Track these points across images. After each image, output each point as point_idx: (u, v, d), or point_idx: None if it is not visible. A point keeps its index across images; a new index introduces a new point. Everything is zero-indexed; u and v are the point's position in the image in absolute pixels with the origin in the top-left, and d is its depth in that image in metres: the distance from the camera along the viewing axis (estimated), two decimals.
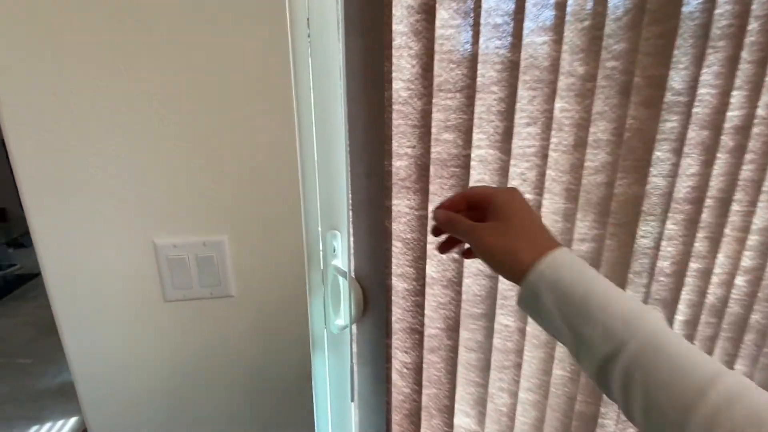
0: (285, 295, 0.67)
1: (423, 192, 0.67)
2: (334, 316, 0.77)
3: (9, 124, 0.51)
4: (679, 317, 0.88)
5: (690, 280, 0.86)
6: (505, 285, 0.76)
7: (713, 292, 0.89)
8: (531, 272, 0.33)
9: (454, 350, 0.77)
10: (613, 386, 0.29)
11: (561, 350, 0.84)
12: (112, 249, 0.59)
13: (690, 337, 0.91)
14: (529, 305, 0.35)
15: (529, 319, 0.80)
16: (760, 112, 0.77)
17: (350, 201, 0.71)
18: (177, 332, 0.65)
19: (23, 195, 0.54)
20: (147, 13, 0.51)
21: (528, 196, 0.71)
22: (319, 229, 0.72)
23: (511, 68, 0.63)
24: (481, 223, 0.38)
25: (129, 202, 0.57)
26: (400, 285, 0.73)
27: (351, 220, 0.72)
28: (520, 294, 0.36)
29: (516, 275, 0.35)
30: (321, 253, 0.73)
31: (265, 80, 0.56)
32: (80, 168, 0.54)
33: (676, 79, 0.71)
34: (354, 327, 0.78)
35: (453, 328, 0.76)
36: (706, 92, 0.73)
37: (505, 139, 0.67)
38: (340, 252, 0.74)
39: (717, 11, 0.69)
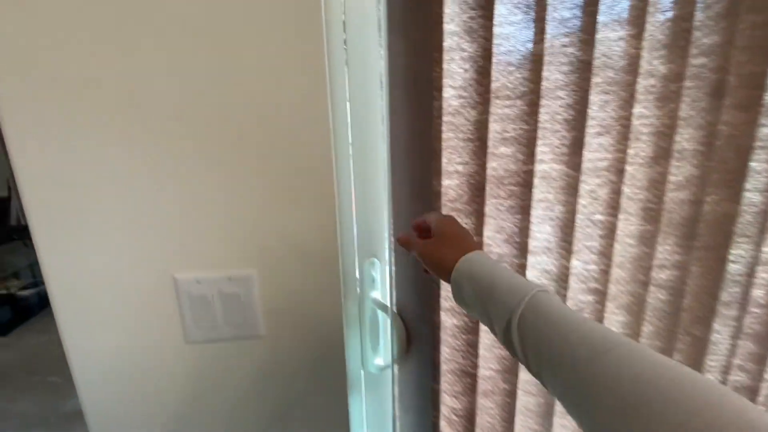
0: (320, 333, 0.59)
1: (477, 214, 0.58)
2: (373, 355, 0.68)
3: (14, 147, 0.46)
4: None
5: None
6: None
7: None
8: (454, 270, 0.41)
9: (511, 395, 0.67)
10: (516, 349, 0.35)
11: None
12: (127, 285, 0.52)
13: None
14: (457, 297, 0.43)
15: None
16: None
17: (392, 226, 0.62)
18: (199, 377, 0.58)
19: (30, 227, 0.48)
20: (171, 31, 0.44)
21: (598, 216, 0.61)
22: (356, 256, 0.64)
23: (582, 69, 0.54)
24: (425, 240, 0.47)
25: (145, 233, 0.51)
26: (449, 321, 0.63)
27: (392, 246, 0.63)
28: (451, 289, 0.43)
29: (446, 275, 0.43)
30: (358, 283, 0.65)
31: (296, 93, 0.49)
32: (89, 195, 0.48)
33: None
34: (395, 367, 0.69)
35: (510, 370, 0.66)
36: None
37: (573, 152, 0.57)
38: (380, 282, 0.66)
39: None
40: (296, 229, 0.53)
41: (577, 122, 0.56)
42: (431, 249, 0.44)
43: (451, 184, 0.58)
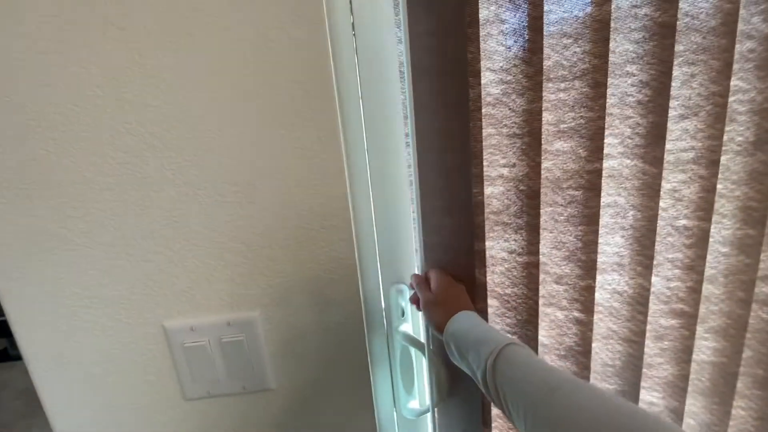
0: (341, 378, 0.49)
1: (529, 228, 0.46)
2: (407, 398, 0.57)
3: None
4: None
5: None
6: (650, 349, 0.53)
7: None
8: (444, 332, 0.44)
9: None
10: (493, 396, 0.38)
11: None
12: (111, 338, 0.43)
13: None
14: (450, 355, 0.44)
15: (688, 392, 0.56)
16: None
17: (423, 245, 0.51)
18: None
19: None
20: (154, 65, 0.35)
21: (683, 221, 0.48)
22: (380, 283, 0.53)
23: (660, 35, 0.42)
24: (427, 293, 0.47)
25: (126, 277, 0.41)
26: None
27: (423, 271, 0.52)
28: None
29: (440, 335, 0.44)
30: (384, 314, 0.54)
31: (297, 91, 0.39)
32: (55, 235, 0.39)
33: None
34: (435, 412, 0.58)
35: None
36: None
37: (650, 142, 0.45)
38: (410, 313, 0.55)
39: None
40: (307, 262, 0.43)
41: (655, 104, 0.43)
42: (429, 308, 0.46)
43: (495, 192, 0.46)
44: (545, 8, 0.41)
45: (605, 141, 0.45)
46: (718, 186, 0.48)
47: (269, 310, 0.44)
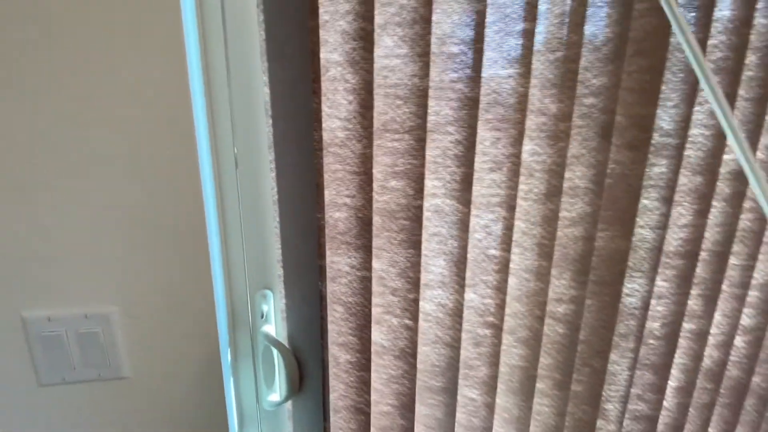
0: (195, 372, 0.55)
1: (365, 249, 0.56)
2: (268, 391, 0.65)
3: None
4: (672, 383, 0.77)
5: (683, 343, 0.75)
6: (469, 353, 0.65)
7: (709, 355, 0.78)
8: None
9: (409, 431, 0.65)
10: None
11: (537, 426, 0.72)
12: None
13: (684, 405, 0.80)
14: None
15: (499, 391, 0.69)
16: (759, 155, 0.67)
17: (282, 259, 0.59)
18: (57, 422, 0.52)
19: None
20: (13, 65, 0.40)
21: (493, 251, 0.60)
22: (247, 289, 0.60)
23: (470, 106, 0.53)
24: None
25: None
26: (342, 356, 0.61)
27: (283, 280, 0.60)
28: None
29: None
30: (249, 317, 0.62)
31: (166, 112, 0.45)
32: None
33: (665, 119, 0.61)
34: (290, 404, 0.65)
35: (407, 406, 0.64)
36: (698, 133, 0.63)
37: (464, 187, 0.56)
38: (273, 316, 0.63)
39: (710, 42, 0.60)
40: (163, 263, 0.49)
41: (468, 158, 0.55)
42: None
43: (341, 216, 0.55)
44: (382, 74, 0.51)
45: (429, 183, 0.56)
46: (520, 225, 0.61)
47: (126, 305, 0.50)
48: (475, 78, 0.53)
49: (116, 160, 0.45)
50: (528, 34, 0.53)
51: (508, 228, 0.59)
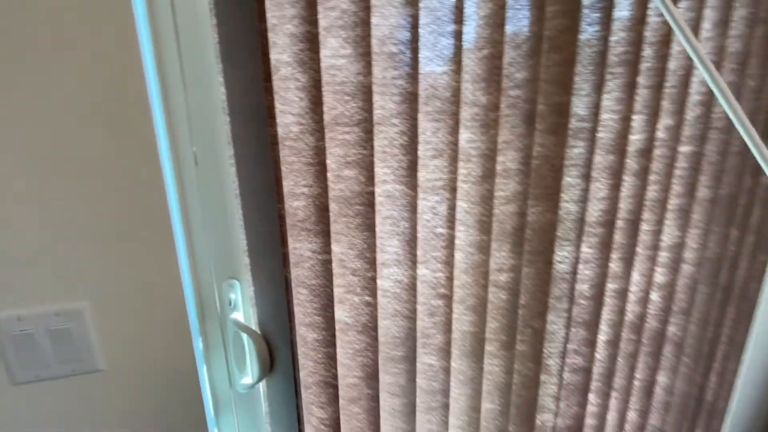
0: (171, 360, 0.58)
1: (324, 234, 0.61)
2: (240, 375, 0.69)
3: None
4: (602, 338, 0.89)
5: (609, 301, 0.86)
6: (425, 323, 0.72)
7: (631, 310, 0.90)
8: None
9: (375, 399, 0.72)
10: None
11: (489, 384, 0.81)
12: None
13: (613, 356, 0.92)
14: None
15: (453, 356, 0.77)
16: (660, 134, 0.79)
17: (248, 248, 0.63)
18: (34, 420, 0.54)
19: None
20: None
21: (440, 230, 0.68)
22: (214, 280, 0.64)
23: (411, 100, 0.60)
24: None
25: None
26: (309, 335, 0.66)
27: (250, 269, 0.64)
28: None
29: None
30: (218, 306, 0.65)
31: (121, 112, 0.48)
32: None
33: (579, 106, 0.70)
34: (263, 385, 0.70)
35: (372, 376, 0.70)
36: (608, 117, 0.74)
37: (411, 174, 0.63)
38: (241, 304, 0.66)
39: (612, 38, 0.70)
40: (131, 258, 0.52)
41: (412, 147, 0.61)
42: None
43: (299, 205, 0.60)
44: (330, 72, 0.56)
45: (379, 171, 0.62)
46: (462, 205, 0.68)
47: (96, 300, 0.52)
48: (413, 74, 0.59)
49: (79, 158, 0.48)
50: (458, 35, 0.60)
51: (452, 208, 0.67)
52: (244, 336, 0.68)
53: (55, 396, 0.54)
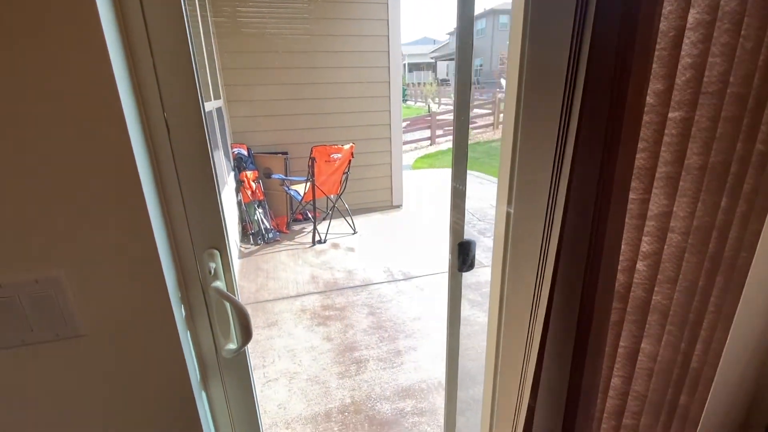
0: (151, 325, 0.60)
1: None
2: (225, 341, 0.71)
3: None
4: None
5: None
6: None
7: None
8: None
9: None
10: None
11: None
12: None
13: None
14: None
15: None
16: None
17: (224, 218, 0.64)
18: (20, 383, 0.56)
19: None
20: None
21: None
22: (193, 248, 0.65)
23: None
24: None
25: None
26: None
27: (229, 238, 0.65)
28: None
29: None
30: (199, 274, 0.66)
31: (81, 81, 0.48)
32: None
33: None
34: (248, 350, 0.72)
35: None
36: None
37: None
38: (221, 272, 0.68)
39: None
40: (103, 225, 0.53)
41: None
42: None
43: None
44: None
45: None
46: None
47: (75, 268, 0.53)
48: None
49: (53, 132, 0.48)
50: None
51: None
52: (227, 304, 0.70)
53: (40, 360, 0.56)
